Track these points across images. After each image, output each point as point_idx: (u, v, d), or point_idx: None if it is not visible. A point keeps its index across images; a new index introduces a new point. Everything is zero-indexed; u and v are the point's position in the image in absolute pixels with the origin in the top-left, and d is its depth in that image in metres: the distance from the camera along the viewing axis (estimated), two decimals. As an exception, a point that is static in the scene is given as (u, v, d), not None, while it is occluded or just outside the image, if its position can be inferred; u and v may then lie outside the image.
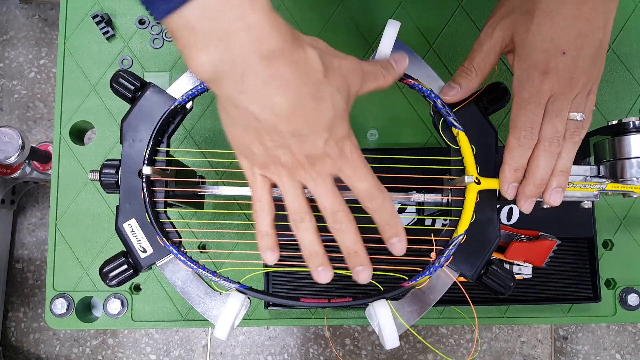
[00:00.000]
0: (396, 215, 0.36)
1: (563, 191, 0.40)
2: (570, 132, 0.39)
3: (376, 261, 0.41)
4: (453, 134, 0.42)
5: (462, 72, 0.41)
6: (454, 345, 1.17)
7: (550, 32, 0.37)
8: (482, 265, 0.41)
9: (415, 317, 0.40)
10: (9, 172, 1.00)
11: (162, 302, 0.57)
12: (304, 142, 0.32)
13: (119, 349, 1.17)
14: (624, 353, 1.18)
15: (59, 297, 0.56)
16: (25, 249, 1.20)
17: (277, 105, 0.30)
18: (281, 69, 0.29)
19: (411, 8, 0.61)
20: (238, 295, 0.40)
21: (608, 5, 0.37)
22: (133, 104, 0.41)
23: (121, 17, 0.60)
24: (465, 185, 0.41)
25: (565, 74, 0.37)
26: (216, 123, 0.59)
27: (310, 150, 0.32)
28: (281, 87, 0.29)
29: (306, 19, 0.60)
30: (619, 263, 0.57)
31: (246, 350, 1.16)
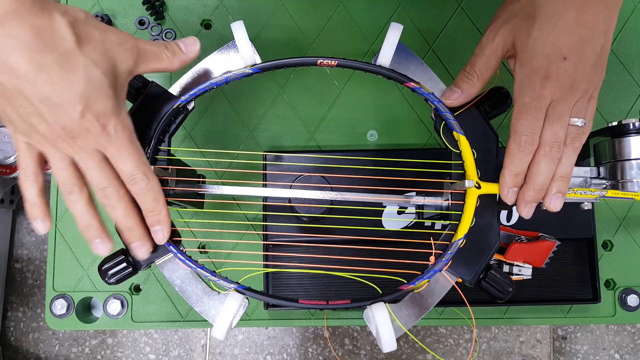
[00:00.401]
0: (161, 201, 0.36)
1: (563, 196, 0.40)
2: (571, 137, 0.39)
3: (375, 264, 0.41)
4: (454, 137, 0.42)
5: (464, 76, 0.41)
6: (453, 345, 1.17)
7: (551, 37, 0.37)
8: (481, 270, 0.41)
9: (413, 320, 0.40)
10: (9, 172, 1.00)
11: (162, 303, 0.57)
12: (57, 112, 0.31)
13: (118, 348, 1.17)
14: (623, 353, 1.18)
15: (59, 298, 0.56)
16: (25, 249, 1.20)
17: (14, 66, 0.29)
18: (17, 30, 0.29)
19: (411, 9, 0.61)
20: (236, 296, 0.40)
21: (610, 11, 0.37)
22: (135, 103, 0.41)
23: (121, 18, 0.60)
24: (465, 190, 0.41)
25: (566, 79, 0.37)
26: (216, 123, 0.59)
27: (65, 122, 0.32)
28: (18, 48, 0.29)
29: (306, 19, 0.60)
30: (619, 264, 0.57)
31: (245, 350, 1.17)
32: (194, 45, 0.39)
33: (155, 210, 0.36)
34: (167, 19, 0.60)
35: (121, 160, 0.34)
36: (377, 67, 0.42)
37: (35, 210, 0.37)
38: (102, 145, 0.34)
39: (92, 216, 0.36)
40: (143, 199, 0.36)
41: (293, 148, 0.59)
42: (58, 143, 0.33)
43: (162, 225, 0.37)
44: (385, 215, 0.54)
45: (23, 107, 0.31)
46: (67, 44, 0.31)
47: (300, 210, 0.48)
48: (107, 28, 0.33)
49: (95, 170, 0.34)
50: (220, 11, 0.61)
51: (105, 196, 0.35)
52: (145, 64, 0.36)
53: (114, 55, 0.33)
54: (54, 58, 0.30)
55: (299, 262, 0.54)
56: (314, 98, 0.60)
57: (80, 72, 0.31)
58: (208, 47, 0.60)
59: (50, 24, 0.30)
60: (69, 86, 0.31)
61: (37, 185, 0.37)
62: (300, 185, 0.48)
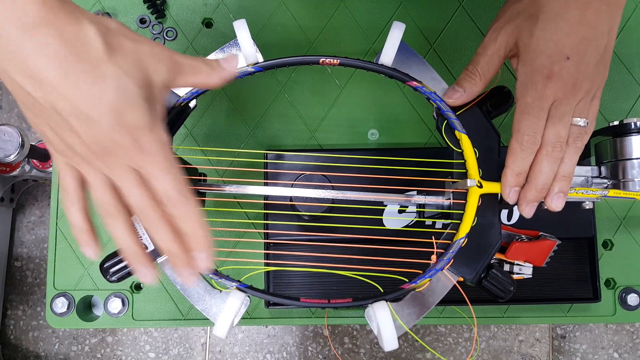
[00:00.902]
0: (202, 225, 0.33)
1: (565, 196, 0.40)
2: (573, 137, 0.39)
3: (376, 263, 0.41)
4: (456, 136, 0.42)
5: (466, 75, 0.41)
6: (452, 344, 1.18)
7: (554, 37, 0.37)
8: (483, 269, 0.41)
9: (414, 319, 0.40)
10: (9, 170, 1.00)
11: (163, 301, 0.57)
12: (88, 125, 0.30)
13: (118, 347, 1.17)
14: (621, 352, 1.18)
15: (59, 296, 0.56)
16: (25, 247, 1.20)
17: (42, 76, 0.28)
18: (47, 39, 0.28)
19: (412, 8, 0.61)
20: (238, 294, 0.40)
21: (613, 10, 0.37)
22: None
23: (122, 16, 0.60)
24: (467, 189, 0.41)
25: (568, 79, 0.37)
26: (218, 122, 0.59)
27: (96, 135, 0.30)
28: (47, 57, 0.28)
29: (308, 18, 0.60)
30: (619, 263, 0.58)
31: (245, 349, 1.17)
32: (233, 61, 0.37)
33: (197, 235, 0.33)
34: (168, 17, 0.60)
35: (156, 178, 0.32)
36: (380, 66, 0.42)
37: (83, 236, 0.35)
38: (135, 162, 0.31)
39: (131, 241, 0.34)
40: (183, 222, 0.33)
41: (294, 147, 0.59)
42: (93, 162, 0.32)
43: (205, 251, 0.33)
44: (386, 214, 0.54)
45: (57, 123, 0.30)
46: (97, 53, 0.29)
47: (302, 209, 0.48)
48: (140, 39, 0.32)
49: (132, 188, 0.32)
50: (221, 10, 0.60)
51: (146, 219, 0.33)
52: (183, 77, 0.34)
53: (147, 67, 0.32)
54: (83, 67, 0.29)
55: (300, 260, 0.54)
56: (315, 97, 0.60)
57: (111, 81, 0.29)
58: (209, 46, 0.60)
59: (80, 32, 0.29)
60: (98, 96, 0.29)
61: (81, 208, 0.35)
62: (302, 184, 0.48)
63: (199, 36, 0.60)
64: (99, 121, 0.30)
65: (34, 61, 0.28)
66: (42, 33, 0.28)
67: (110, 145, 0.30)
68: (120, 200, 0.33)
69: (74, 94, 0.29)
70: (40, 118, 0.31)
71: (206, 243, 0.34)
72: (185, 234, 0.33)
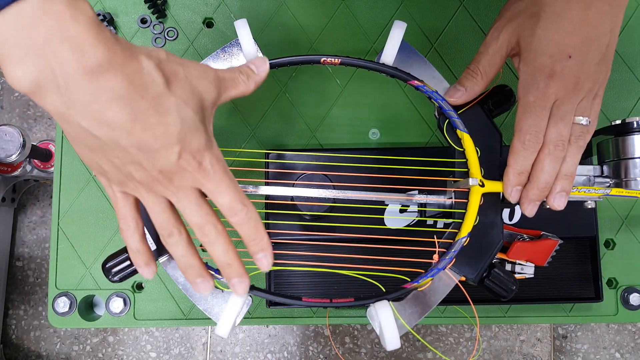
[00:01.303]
0: (261, 229, 0.35)
1: (567, 195, 0.40)
2: (575, 136, 0.39)
3: (378, 262, 0.41)
4: (458, 136, 0.42)
5: (468, 74, 0.41)
6: (453, 344, 1.17)
7: (556, 36, 0.37)
8: (485, 268, 0.41)
9: (416, 318, 0.40)
10: (10, 171, 1.00)
11: (165, 301, 0.57)
12: (154, 157, 0.30)
13: (119, 346, 1.17)
14: (623, 352, 1.18)
15: (61, 296, 0.56)
16: (26, 247, 1.20)
17: (111, 119, 0.28)
18: (111, 82, 0.28)
19: (413, 7, 0.61)
20: None
21: (615, 10, 0.37)
22: None
23: (123, 16, 0.60)
24: (469, 188, 0.41)
25: (570, 78, 0.37)
26: (219, 122, 0.59)
27: (163, 165, 0.31)
28: (113, 100, 0.28)
29: (308, 17, 0.60)
30: (621, 263, 0.57)
31: (246, 348, 1.17)
32: (264, 64, 0.38)
33: (257, 238, 0.35)
34: (169, 17, 0.60)
35: (219, 193, 0.33)
36: (381, 65, 0.42)
37: (140, 257, 0.37)
38: (199, 182, 0.33)
39: (192, 256, 0.35)
40: (244, 228, 0.34)
41: (295, 146, 0.59)
42: (155, 186, 0.32)
43: (265, 252, 0.35)
44: (387, 214, 0.54)
45: (119, 157, 0.31)
46: (157, 88, 0.30)
47: (303, 209, 0.48)
48: (188, 63, 0.33)
49: (193, 209, 0.33)
50: (222, 9, 0.60)
51: (204, 234, 0.34)
52: (226, 92, 0.35)
53: (200, 90, 0.32)
54: (147, 104, 0.29)
55: (301, 260, 0.54)
56: (315, 96, 0.60)
57: (174, 113, 0.30)
58: (210, 46, 0.60)
59: (139, 69, 0.29)
60: (165, 130, 0.30)
61: (138, 233, 0.36)
62: (303, 184, 0.48)
63: (200, 36, 0.60)
64: (167, 153, 0.30)
65: (100, 105, 0.28)
66: (106, 76, 0.28)
67: (176, 170, 0.31)
68: (179, 220, 0.35)
69: (141, 131, 0.29)
70: (100, 154, 0.31)
71: (267, 244, 0.35)
72: (247, 238, 0.35)
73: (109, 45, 0.28)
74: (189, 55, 0.60)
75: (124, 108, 0.28)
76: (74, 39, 0.27)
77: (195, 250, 0.36)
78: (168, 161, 0.31)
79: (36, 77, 0.27)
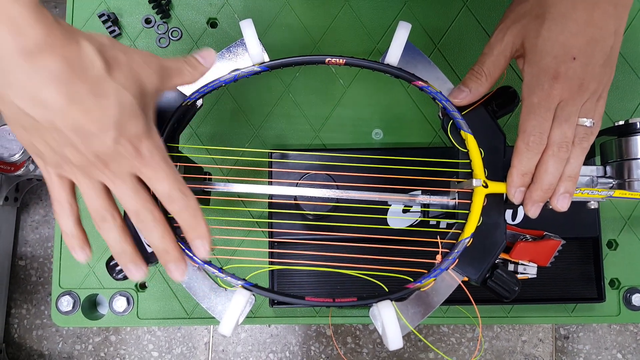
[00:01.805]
0: (200, 217, 0.35)
1: (571, 196, 0.40)
2: (579, 137, 0.39)
3: (381, 262, 0.41)
4: (461, 136, 0.42)
5: (472, 75, 0.41)
6: (455, 344, 1.17)
7: (561, 37, 0.37)
8: (488, 268, 0.41)
9: (419, 318, 0.40)
10: (13, 170, 1.00)
11: (168, 300, 0.57)
12: (91, 140, 0.30)
13: (121, 346, 1.17)
14: (625, 353, 1.18)
15: (65, 295, 0.57)
16: (29, 246, 1.21)
17: (46, 99, 0.28)
18: (49, 62, 0.28)
19: (416, 8, 0.61)
20: (244, 292, 0.40)
21: (620, 11, 0.37)
22: None
23: (127, 16, 0.60)
24: (472, 189, 0.41)
25: (575, 79, 0.37)
26: (222, 122, 0.59)
27: (99, 149, 0.31)
28: (50, 81, 0.28)
29: (312, 18, 0.60)
30: (623, 263, 0.58)
31: (248, 348, 1.17)
32: (211, 56, 0.39)
33: (194, 225, 0.35)
34: (173, 17, 0.61)
35: (157, 180, 0.33)
36: (386, 65, 0.42)
37: (74, 241, 0.37)
38: (136, 169, 0.33)
39: (126, 242, 0.36)
40: (182, 216, 0.35)
41: (298, 146, 0.59)
42: (91, 170, 0.33)
43: (202, 239, 0.36)
44: (390, 214, 0.54)
45: (55, 139, 0.31)
46: (97, 71, 0.30)
47: (306, 208, 0.48)
48: (130, 50, 0.33)
49: (130, 195, 0.33)
50: (226, 10, 0.61)
51: (139, 220, 0.34)
52: (169, 80, 0.36)
53: (141, 77, 0.33)
54: (85, 87, 0.29)
55: (304, 259, 0.55)
56: (319, 97, 0.60)
57: (112, 98, 0.30)
58: (214, 46, 0.61)
59: (79, 52, 0.29)
60: (102, 113, 0.30)
61: (73, 216, 0.36)
62: (306, 184, 0.48)
63: (204, 36, 0.60)
64: (102, 136, 0.30)
65: (37, 85, 0.28)
66: (44, 56, 0.28)
67: (113, 155, 0.31)
68: (113, 205, 0.35)
69: (78, 113, 0.29)
70: (35, 135, 0.31)
71: (205, 232, 0.35)
72: (185, 226, 0.35)
73: (48, 26, 0.28)
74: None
75: (60, 89, 0.28)
76: (14, 21, 0.27)
77: (129, 236, 0.36)
78: (104, 145, 0.31)
79: None
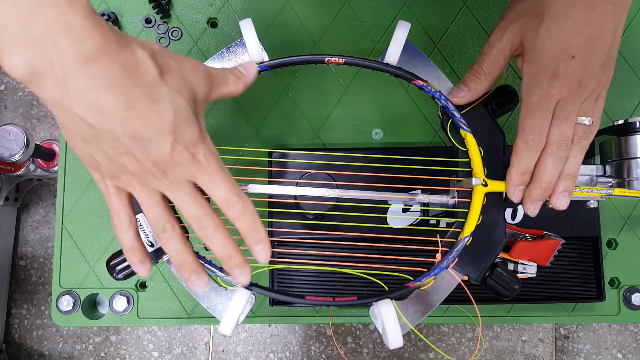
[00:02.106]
0: (258, 221, 0.35)
1: (570, 195, 0.40)
2: (579, 136, 0.39)
3: (381, 261, 0.41)
4: (461, 135, 0.42)
5: (471, 74, 0.41)
6: (455, 344, 1.17)
7: (560, 36, 0.37)
8: (487, 267, 0.41)
9: (419, 317, 0.40)
10: (13, 170, 1.01)
11: (168, 300, 0.57)
12: (148, 147, 0.30)
13: (121, 346, 1.17)
14: (625, 352, 1.18)
15: (65, 294, 0.57)
16: (29, 247, 1.21)
17: (106, 107, 0.28)
18: (107, 69, 0.28)
19: (416, 7, 0.61)
20: (244, 292, 0.40)
21: (619, 10, 0.37)
22: None
23: (127, 16, 0.60)
24: (472, 187, 0.41)
25: (574, 78, 0.37)
26: (222, 121, 0.59)
27: (157, 156, 0.31)
28: (108, 88, 0.28)
29: (312, 17, 0.61)
30: (623, 262, 0.58)
31: (248, 348, 1.17)
32: (252, 68, 0.40)
33: (254, 231, 0.35)
34: (173, 17, 0.61)
35: (214, 186, 0.33)
36: (385, 65, 0.42)
37: (135, 254, 0.36)
38: (193, 175, 0.33)
39: (187, 252, 0.35)
40: (241, 221, 0.34)
41: (298, 146, 0.59)
42: (149, 180, 0.32)
43: (263, 244, 0.35)
44: (390, 213, 0.54)
45: (113, 148, 0.31)
46: (151, 76, 0.30)
47: (306, 208, 0.48)
48: (180, 57, 0.33)
49: (189, 202, 0.33)
50: (226, 9, 0.61)
51: (201, 227, 0.34)
52: (217, 89, 0.36)
53: (192, 83, 0.33)
54: (141, 92, 0.29)
55: (304, 259, 0.55)
56: (319, 96, 0.60)
57: (167, 102, 0.30)
58: (214, 46, 0.61)
59: (133, 58, 0.29)
60: (158, 118, 0.30)
61: (132, 230, 0.36)
62: (306, 183, 0.48)
63: (204, 36, 0.60)
64: (160, 142, 0.30)
65: (97, 92, 0.28)
66: (102, 63, 0.28)
67: (170, 162, 0.31)
68: (172, 215, 0.35)
69: (134, 119, 0.29)
70: (93, 145, 0.31)
71: (264, 236, 0.35)
72: (244, 231, 0.35)
73: (104, 33, 0.28)
74: (193, 55, 0.60)
75: (118, 96, 0.29)
76: (72, 28, 0.27)
77: (189, 246, 0.36)
78: (161, 152, 0.31)
79: (33, 65, 0.27)
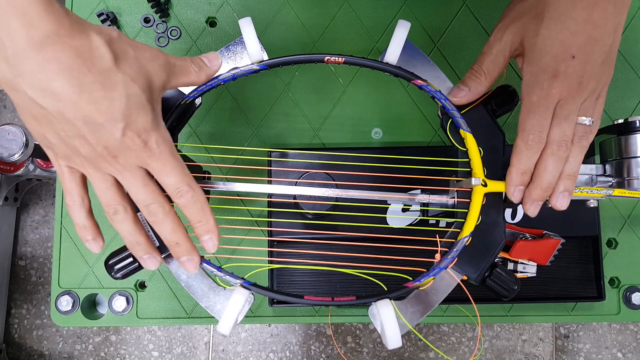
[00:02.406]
0: (207, 211, 0.36)
1: (570, 195, 0.40)
2: (579, 136, 0.39)
3: (380, 261, 0.41)
4: (461, 135, 0.42)
5: (472, 74, 0.41)
6: (455, 344, 1.17)
7: (560, 36, 0.37)
8: (487, 267, 0.41)
9: (418, 317, 0.40)
10: (13, 170, 1.00)
11: (167, 299, 0.57)
12: (99, 131, 0.31)
13: (121, 345, 1.17)
14: (625, 352, 1.18)
15: (64, 294, 0.57)
16: (29, 247, 1.21)
17: (57, 89, 0.29)
18: (59, 53, 0.29)
19: (415, 7, 0.61)
20: (242, 291, 0.40)
21: (619, 10, 0.37)
22: None
23: (126, 16, 0.60)
24: (471, 187, 0.41)
25: (574, 78, 0.37)
26: (222, 121, 0.59)
27: (107, 141, 0.31)
28: (60, 71, 0.29)
29: (311, 17, 0.60)
30: (623, 262, 0.58)
31: (248, 348, 1.17)
32: (217, 59, 0.40)
33: (203, 220, 0.36)
34: (172, 16, 0.61)
35: (165, 174, 0.34)
36: (385, 64, 0.42)
37: (87, 232, 0.37)
38: (144, 162, 0.33)
39: (139, 233, 0.36)
40: (190, 210, 0.35)
41: (298, 145, 0.59)
42: (100, 163, 0.33)
43: (211, 234, 0.36)
44: (389, 213, 0.54)
45: (65, 130, 0.31)
46: (105, 63, 0.30)
47: (305, 207, 0.48)
48: (139, 45, 0.33)
49: (139, 187, 0.34)
50: (225, 9, 0.61)
51: (150, 213, 0.35)
52: (176, 78, 0.36)
53: (149, 71, 0.33)
54: (94, 77, 0.30)
55: (304, 258, 0.55)
56: (318, 96, 0.60)
57: (120, 89, 0.31)
58: (213, 45, 0.61)
59: (88, 44, 0.30)
60: (110, 104, 0.30)
61: (84, 208, 0.37)
62: (305, 183, 0.48)
63: (203, 35, 0.60)
64: (111, 128, 0.31)
65: (47, 75, 0.29)
66: (54, 47, 0.28)
67: (121, 147, 0.32)
68: (125, 197, 0.35)
69: (86, 103, 0.30)
70: (45, 125, 0.32)
71: (213, 226, 0.36)
72: (193, 220, 0.36)
73: (58, 18, 0.29)
74: (193, 55, 0.60)
75: (70, 80, 0.29)
76: (25, 12, 0.27)
77: (142, 227, 0.37)
78: (112, 137, 0.31)
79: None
